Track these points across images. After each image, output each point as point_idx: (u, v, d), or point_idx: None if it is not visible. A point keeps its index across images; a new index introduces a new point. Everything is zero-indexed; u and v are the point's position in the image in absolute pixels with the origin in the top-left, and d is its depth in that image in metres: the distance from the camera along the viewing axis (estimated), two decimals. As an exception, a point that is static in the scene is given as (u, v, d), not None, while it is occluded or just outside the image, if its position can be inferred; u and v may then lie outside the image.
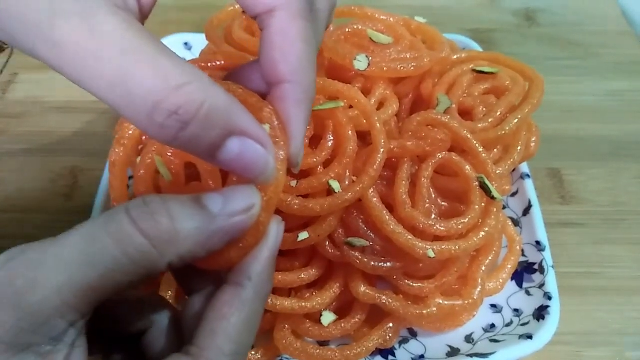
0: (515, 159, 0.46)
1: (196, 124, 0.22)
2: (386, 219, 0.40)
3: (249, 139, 0.24)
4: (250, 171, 0.24)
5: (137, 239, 0.22)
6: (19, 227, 0.53)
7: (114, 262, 0.22)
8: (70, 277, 0.21)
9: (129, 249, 0.22)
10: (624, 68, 0.69)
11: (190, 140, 0.23)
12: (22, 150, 0.59)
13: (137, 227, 0.22)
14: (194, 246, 0.23)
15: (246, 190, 0.25)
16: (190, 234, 0.23)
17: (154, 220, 0.22)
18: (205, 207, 0.24)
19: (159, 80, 0.22)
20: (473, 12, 0.77)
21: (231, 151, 0.23)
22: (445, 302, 0.42)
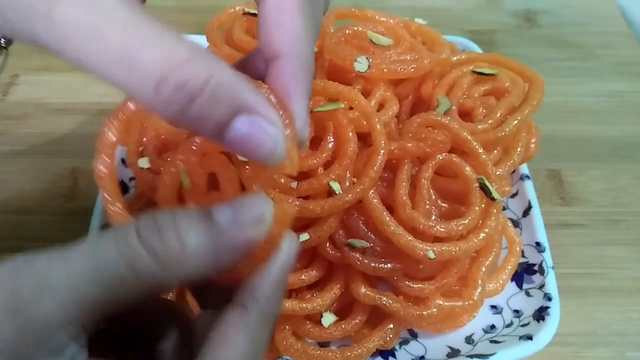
0: (515, 160, 0.46)
1: (203, 98, 0.22)
2: (386, 220, 0.40)
3: (257, 117, 0.23)
4: (260, 150, 0.23)
5: (144, 259, 0.21)
6: (20, 228, 0.53)
7: (121, 280, 0.21)
8: (76, 292, 0.21)
9: (137, 268, 0.21)
10: (623, 69, 0.69)
11: (198, 116, 0.22)
12: (22, 152, 0.60)
13: (145, 247, 0.21)
14: (203, 265, 0.22)
15: (256, 199, 0.23)
16: (198, 253, 0.22)
17: (161, 238, 0.22)
18: (214, 221, 0.22)
19: (165, 54, 0.21)
20: (473, 14, 0.77)
21: (239, 129, 0.23)
22: (445, 303, 0.42)
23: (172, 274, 0.22)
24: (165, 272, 0.22)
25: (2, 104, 0.64)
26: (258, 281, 0.24)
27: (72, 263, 0.21)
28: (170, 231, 0.22)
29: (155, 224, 0.22)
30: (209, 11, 0.54)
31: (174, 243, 0.22)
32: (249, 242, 0.23)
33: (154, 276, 0.22)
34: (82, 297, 0.21)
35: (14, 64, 0.69)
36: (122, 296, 0.22)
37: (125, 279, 0.21)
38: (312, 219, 0.40)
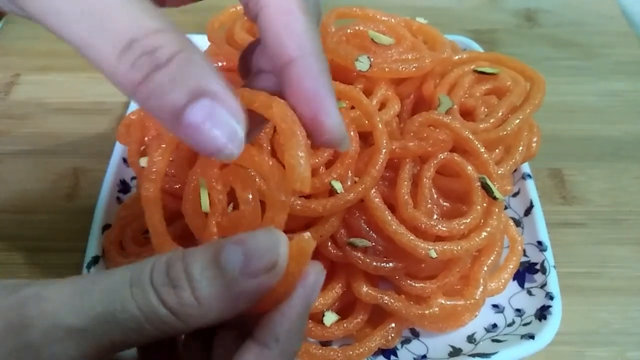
0: (517, 159, 0.46)
1: (168, 70, 0.21)
2: (388, 219, 0.40)
3: (219, 105, 0.21)
4: (214, 141, 0.22)
5: (161, 310, 0.21)
6: (21, 228, 0.53)
7: (137, 325, 0.21)
8: (91, 336, 0.21)
9: (153, 318, 0.21)
10: (624, 68, 0.69)
11: (157, 90, 0.21)
12: (24, 151, 0.60)
13: (160, 299, 0.21)
14: (218, 314, 0.22)
15: (269, 240, 0.22)
16: (213, 304, 0.21)
17: (176, 293, 0.21)
18: (225, 269, 0.21)
19: (137, 21, 0.21)
20: (474, 13, 0.77)
21: (198, 113, 0.21)
22: (447, 302, 0.42)
23: (189, 325, 0.22)
24: (182, 324, 0.22)
25: (3, 104, 0.64)
26: (279, 319, 0.23)
27: (85, 303, 0.21)
28: (185, 287, 0.21)
29: (168, 277, 0.21)
30: (210, 11, 0.54)
31: (190, 299, 0.21)
32: (263, 289, 0.22)
33: (170, 327, 0.22)
34: (96, 341, 0.21)
35: (15, 63, 0.69)
36: (137, 339, 0.22)
37: (141, 326, 0.21)
38: (313, 218, 0.40)
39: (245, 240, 0.22)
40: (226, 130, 0.22)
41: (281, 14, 0.25)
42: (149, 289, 0.21)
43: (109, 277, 0.22)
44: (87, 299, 0.21)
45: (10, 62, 0.69)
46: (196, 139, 0.22)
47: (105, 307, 0.21)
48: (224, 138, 0.22)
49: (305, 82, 0.24)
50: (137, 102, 0.22)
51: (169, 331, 0.22)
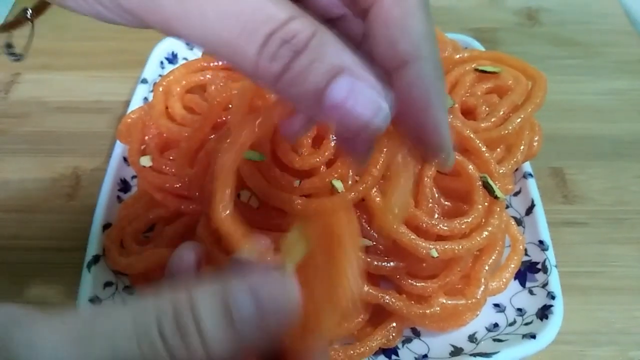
0: (518, 158, 0.46)
1: (307, 53, 0.21)
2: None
3: (359, 80, 0.21)
4: (360, 117, 0.21)
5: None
6: (21, 227, 0.53)
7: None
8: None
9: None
10: (626, 67, 0.69)
11: (299, 76, 0.21)
12: (24, 150, 0.60)
13: (169, 355, 0.20)
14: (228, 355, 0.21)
15: (285, 294, 0.21)
16: (223, 353, 0.21)
17: (187, 348, 0.20)
18: (235, 319, 0.21)
19: (273, 13, 0.21)
20: (475, 12, 0.77)
21: (340, 91, 0.21)
22: (448, 302, 0.42)
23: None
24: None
25: (3, 103, 0.64)
26: None
27: (85, 354, 0.20)
28: (195, 336, 0.21)
29: (177, 325, 0.21)
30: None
31: (201, 352, 0.21)
32: (278, 331, 0.22)
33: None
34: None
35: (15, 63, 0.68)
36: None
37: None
38: (314, 217, 0.40)
39: (258, 290, 0.21)
40: (370, 105, 0.21)
41: (399, 11, 0.23)
42: (159, 343, 0.20)
43: (109, 322, 0.21)
44: (87, 349, 0.20)
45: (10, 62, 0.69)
46: (341, 117, 0.21)
47: (109, 354, 0.20)
48: (369, 112, 0.21)
49: (417, 90, 0.23)
50: (278, 93, 0.22)
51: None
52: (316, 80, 0.21)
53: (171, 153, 0.49)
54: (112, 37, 0.70)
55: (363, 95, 0.21)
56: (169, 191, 0.46)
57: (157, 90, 0.51)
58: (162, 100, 0.50)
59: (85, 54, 0.69)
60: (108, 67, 0.67)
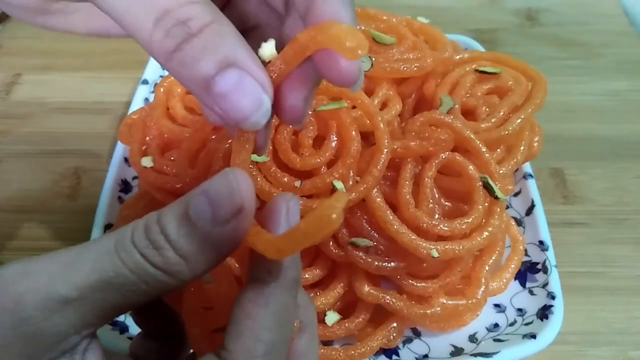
0: (518, 159, 0.46)
1: (200, 39, 0.22)
2: (390, 218, 0.40)
3: (247, 75, 0.22)
4: (241, 110, 0.22)
5: (151, 270, 0.22)
6: (22, 227, 0.53)
7: (135, 286, 0.22)
8: (91, 300, 0.21)
9: (148, 278, 0.22)
10: (625, 68, 0.69)
11: (189, 58, 0.22)
12: (25, 151, 0.60)
13: (148, 261, 0.22)
14: (206, 264, 0.23)
15: (229, 185, 0.22)
16: (198, 258, 0.22)
17: (160, 253, 0.22)
18: (197, 223, 0.22)
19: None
20: (475, 12, 0.77)
21: (227, 82, 0.22)
22: (448, 302, 0.42)
23: (183, 280, 0.22)
24: (176, 280, 0.22)
25: (4, 103, 0.64)
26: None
27: (76, 274, 0.21)
28: (166, 247, 0.22)
29: (149, 240, 0.22)
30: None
31: (175, 259, 0.22)
32: (240, 231, 0.22)
33: (166, 284, 0.22)
34: (94, 307, 0.22)
35: (16, 63, 0.69)
36: (137, 299, 0.22)
37: (138, 286, 0.22)
38: (315, 217, 0.40)
39: (208, 190, 0.22)
40: (253, 100, 0.22)
41: None
42: (135, 252, 0.22)
43: (94, 247, 0.22)
44: (77, 269, 0.21)
45: (11, 61, 0.69)
46: (224, 107, 0.22)
47: (98, 275, 0.21)
48: (250, 107, 0.22)
49: (325, 8, 0.23)
50: (169, 71, 0.23)
51: (167, 287, 0.22)
52: (207, 67, 0.22)
53: (172, 153, 0.49)
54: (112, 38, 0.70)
55: (248, 90, 0.22)
56: (170, 191, 0.46)
57: (158, 90, 0.51)
58: (163, 100, 0.50)
59: (86, 55, 0.69)
60: (109, 67, 0.67)
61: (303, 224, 0.20)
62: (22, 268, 0.22)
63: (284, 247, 0.21)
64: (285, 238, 0.22)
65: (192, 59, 0.22)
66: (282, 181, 0.40)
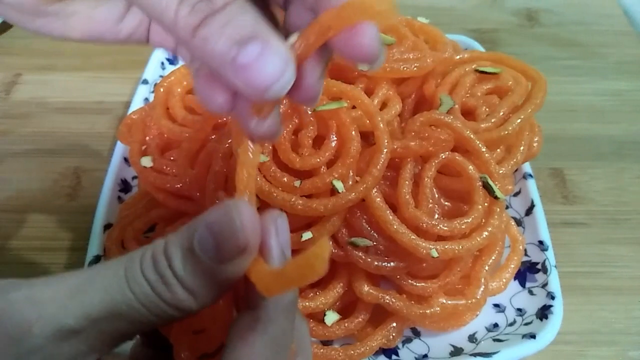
0: (518, 159, 0.46)
1: (223, 15, 0.22)
2: (389, 218, 0.40)
3: (269, 49, 0.22)
4: (264, 79, 0.22)
5: (162, 305, 0.22)
6: (22, 227, 0.53)
7: (144, 318, 0.22)
8: (99, 329, 0.22)
9: (157, 312, 0.22)
10: (625, 68, 0.69)
11: (213, 33, 0.22)
12: (25, 151, 0.60)
13: (160, 297, 0.22)
14: (213, 297, 0.23)
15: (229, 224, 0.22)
16: (204, 292, 0.23)
17: (169, 290, 0.22)
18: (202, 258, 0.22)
19: None
20: (475, 13, 0.77)
21: (250, 54, 0.22)
22: (448, 302, 0.42)
23: (192, 312, 0.23)
24: (183, 313, 0.23)
25: (4, 103, 0.64)
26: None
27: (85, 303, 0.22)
28: (174, 283, 0.22)
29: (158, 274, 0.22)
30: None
31: (183, 295, 0.22)
32: (244, 266, 0.23)
33: (173, 316, 0.23)
34: (103, 335, 0.22)
35: (16, 63, 0.69)
36: (145, 327, 0.23)
37: (148, 319, 0.22)
38: (315, 217, 0.40)
39: (212, 225, 0.22)
40: (275, 70, 0.22)
41: None
42: (146, 286, 0.22)
43: (104, 274, 0.22)
44: (86, 299, 0.22)
45: (11, 61, 0.69)
46: (247, 78, 0.22)
47: (107, 305, 0.22)
48: (273, 75, 0.22)
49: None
50: (192, 50, 0.23)
51: (175, 319, 0.23)
52: (229, 40, 0.22)
53: (172, 153, 0.49)
54: (112, 38, 0.71)
55: (270, 60, 0.22)
56: (169, 191, 0.46)
57: (158, 90, 0.51)
58: (163, 100, 0.51)
59: (86, 55, 0.69)
60: (109, 68, 0.67)
61: (290, 268, 0.21)
62: (30, 294, 0.22)
63: (272, 287, 0.22)
64: (273, 279, 0.22)
65: (216, 33, 0.22)
66: (282, 181, 0.40)
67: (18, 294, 0.22)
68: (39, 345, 0.21)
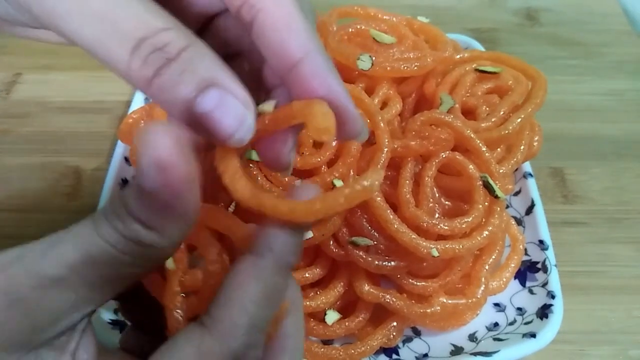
0: (519, 158, 0.46)
1: (178, 64, 0.22)
2: (390, 218, 0.40)
3: (228, 93, 0.22)
4: (225, 128, 0.22)
5: (129, 245, 0.22)
6: (22, 227, 0.53)
7: (118, 259, 0.22)
8: (84, 277, 0.22)
9: (126, 250, 0.22)
10: (625, 67, 0.69)
11: (168, 83, 0.22)
12: (25, 150, 0.60)
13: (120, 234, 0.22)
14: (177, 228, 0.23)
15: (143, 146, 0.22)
16: (162, 223, 0.22)
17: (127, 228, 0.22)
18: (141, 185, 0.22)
19: (147, 21, 0.22)
20: (475, 12, 0.77)
21: (209, 102, 0.22)
22: (448, 301, 0.42)
23: (161, 248, 0.23)
24: (153, 249, 0.23)
25: (4, 103, 0.64)
26: (275, 233, 0.24)
27: (63, 250, 0.22)
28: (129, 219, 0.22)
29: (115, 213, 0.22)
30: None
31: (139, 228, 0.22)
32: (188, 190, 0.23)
33: (145, 254, 0.23)
34: (87, 283, 0.22)
35: (16, 62, 0.69)
36: (125, 272, 0.23)
37: (121, 259, 0.22)
38: (315, 217, 0.40)
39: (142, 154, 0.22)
40: (235, 117, 0.23)
41: (280, 16, 0.24)
42: (108, 226, 0.22)
43: (79, 225, 0.23)
44: (62, 248, 0.22)
45: (11, 61, 0.69)
46: (207, 127, 0.23)
47: (82, 252, 0.22)
48: (234, 124, 0.23)
49: (316, 81, 0.24)
50: (150, 97, 0.23)
51: (152, 258, 0.23)
52: (187, 89, 0.22)
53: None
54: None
55: (231, 108, 0.22)
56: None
57: (158, 90, 0.51)
58: (163, 100, 0.50)
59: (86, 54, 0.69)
60: (109, 67, 0.67)
61: (344, 188, 0.22)
62: (18, 252, 0.22)
63: (320, 208, 0.22)
64: (322, 200, 0.22)
65: (171, 82, 0.22)
66: (282, 180, 0.40)
67: (6, 253, 0.22)
68: (25, 296, 0.21)
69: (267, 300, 0.23)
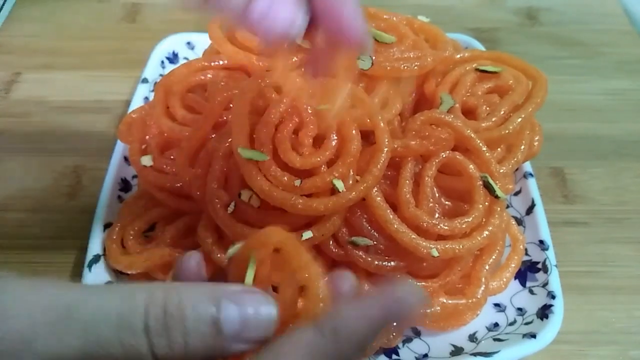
0: (519, 158, 0.46)
1: None
2: (390, 218, 0.40)
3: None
4: (278, 27, 0.26)
5: (146, 358, 0.21)
6: (22, 227, 0.53)
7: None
8: None
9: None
10: (626, 67, 0.69)
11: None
12: (25, 150, 0.60)
13: (152, 351, 0.21)
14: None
15: (269, 317, 0.22)
16: (198, 355, 0.22)
17: (169, 346, 0.21)
18: (221, 332, 0.22)
19: None
20: (476, 11, 0.77)
21: (260, 5, 0.25)
22: (448, 301, 0.42)
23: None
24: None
25: (4, 102, 0.64)
26: (348, 313, 0.22)
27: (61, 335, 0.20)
28: (179, 340, 0.21)
29: (164, 327, 0.21)
30: (212, 9, 0.53)
31: (180, 348, 0.21)
32: (247, 352, 0.23)
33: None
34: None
35: (16, 61, 0.69)
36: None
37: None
38: (315, 217, 0.40)
39: (245, 305, 0.22)
40: (286, 18, 0.26)
41: None
42: (142, 337, 0.21)
43: (91, 308, 0.21)
44: (64, 330, 0.20)
45: (11, 60, 0.69)
46: (261, 26, 0.26)
47: (83, 343, 0.20)
48: (285, 24, 0.26)
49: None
50: (208, 11, 0.27)
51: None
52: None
53: (172, 152, 0.49)
54: (113, 37, 0.70)
55: (280, 10, 0.26)
56: (169, 190, 0.46)
57: (158, 89, 0.51)
58: (163, 99, 0.50)
59: (86, 54, 0.69)
60: (109, 66, 0.67)
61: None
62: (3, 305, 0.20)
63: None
64: None
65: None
66: (282, 180, 0.40)
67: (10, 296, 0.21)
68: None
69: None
